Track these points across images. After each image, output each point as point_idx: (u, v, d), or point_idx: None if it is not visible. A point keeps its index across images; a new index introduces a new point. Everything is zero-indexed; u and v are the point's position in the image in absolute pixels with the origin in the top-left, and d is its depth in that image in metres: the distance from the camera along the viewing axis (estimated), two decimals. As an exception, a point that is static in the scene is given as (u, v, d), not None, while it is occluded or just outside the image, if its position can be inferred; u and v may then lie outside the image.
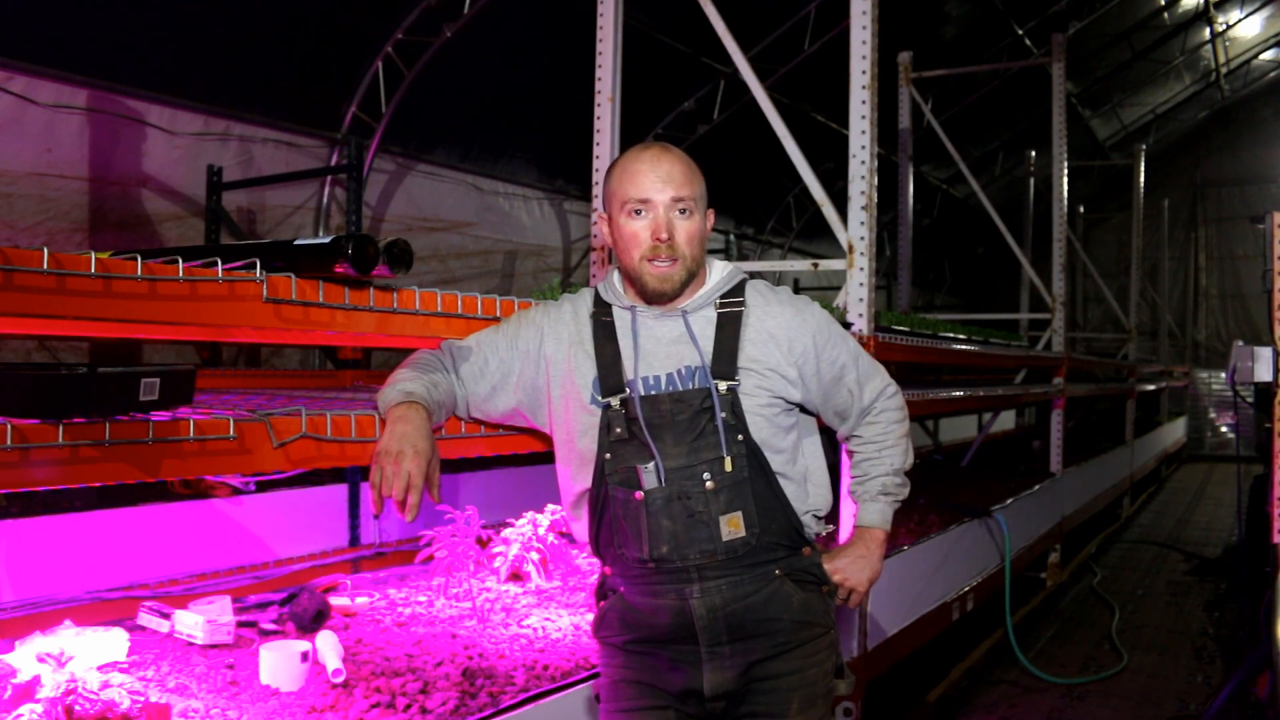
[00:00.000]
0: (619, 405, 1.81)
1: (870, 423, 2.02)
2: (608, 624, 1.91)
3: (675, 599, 1.80)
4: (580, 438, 1.85)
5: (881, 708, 4.04)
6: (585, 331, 1.89)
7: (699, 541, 1.78)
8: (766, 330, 1.88)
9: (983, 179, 10.91)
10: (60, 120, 4.85)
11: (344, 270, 1.77)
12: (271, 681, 2.24)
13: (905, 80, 7.38)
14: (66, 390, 1.42)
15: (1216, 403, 15.75)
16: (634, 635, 1.86)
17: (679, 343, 1.85)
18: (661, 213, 1.80)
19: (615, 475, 1.81)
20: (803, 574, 1.88)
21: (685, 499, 1.78)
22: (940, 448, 9.20)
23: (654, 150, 1.86)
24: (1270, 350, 2.86)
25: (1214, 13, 12.78)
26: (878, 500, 2.02)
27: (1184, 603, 6.28)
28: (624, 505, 1.80)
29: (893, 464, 2.02)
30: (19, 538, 2.94)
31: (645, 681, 1.85)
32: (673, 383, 1.82)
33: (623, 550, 1.83)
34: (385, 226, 6.71)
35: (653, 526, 1.78)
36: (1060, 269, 6.77)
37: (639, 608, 1.84)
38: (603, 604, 1.94)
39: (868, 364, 2.02)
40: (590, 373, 1.85)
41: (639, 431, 1.79)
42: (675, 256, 1.81)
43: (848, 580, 1.97)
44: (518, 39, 6.68)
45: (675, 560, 1.79)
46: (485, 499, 4.03)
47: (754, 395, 1.83)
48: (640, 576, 1.83)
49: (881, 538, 2.03)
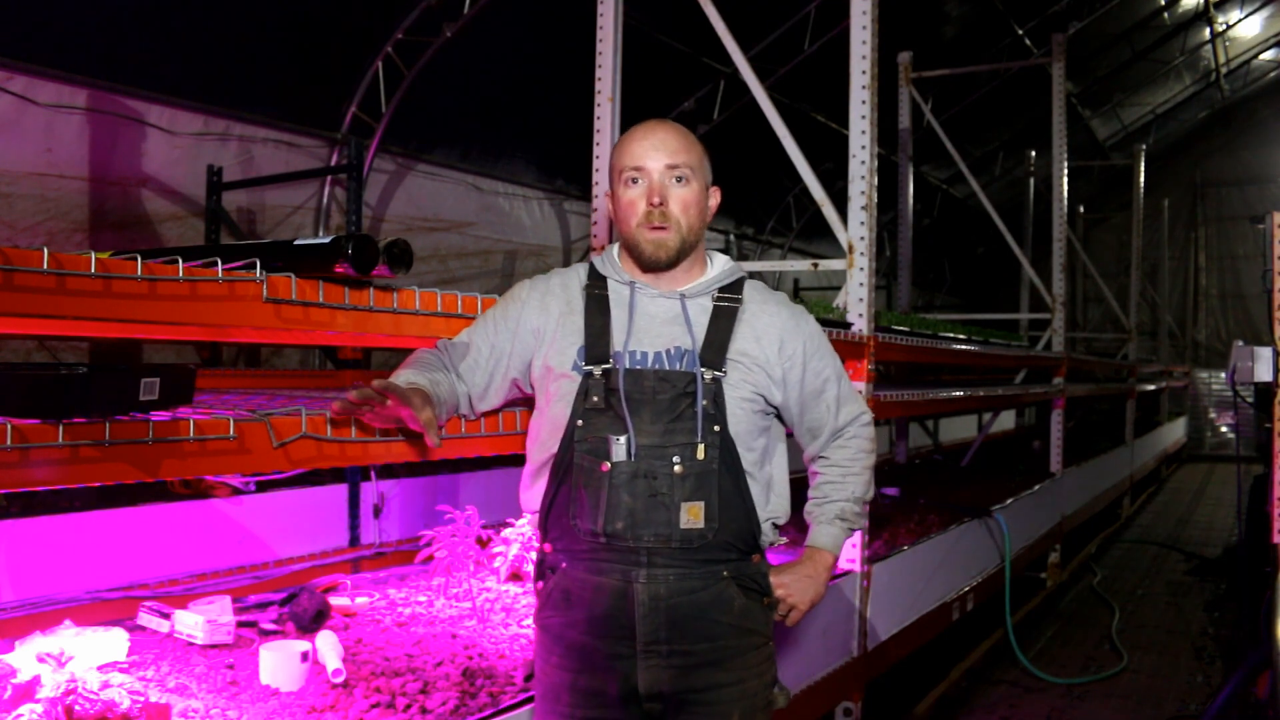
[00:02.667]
0: (600, 375, 1.80)
1: (841, 446, 2.02)
2: (550, 604, 1.85)
3: (619, 580, 1.77)
4: (555, 403, 1.84)
5: (881, 708, 4.04)
6: (577, 302, 1.90)
7: (656, 524, 1.76)
8: (760, 328, 1.89)
9: (983, 179, 10.91)
10: (60, 120, 4.85)
11: (344, 270, 1.77)
12: (271, 681, 2.24)
13: (905, 80, 7.38)
14: (66, 390, 1.42)
15: (1216, 403, 15.77)
16: (570, 618, 1.81)
17: (672, 323, 1.85)
18: (656, 178, 1.82)
19: (584, 443, 1.79)
20: (748, 580, 1.86)
21: (651, 478, 1.77)
22: (940, 448, 9.20)
23: (651, 121, 1.89)
24: (1270, 350, 2.86)
25: (1214, 13, 12.79)
26: (834, 524, 2.00)
27: (1184, 603, 6.28)
28: (587, 474, 1.78)
29: (854, 492, 2.01)
30: (19, 538, 2.94)
31: (583, 688, 1.81)
32: (660, 361, 1.82)
33: (575, 521, 1.80)
34: (385, 226, 6.71)
35: (613, 499, 1.76)
36: (1060, 269, 6.77)
37: (581, 585, 1.80)
38: (541, 584, 1.89)
39: (849, 387, 2.03)
40: (577, 340, 1.85)
41: (616, 403, 1.78)
42: (668, 223, 1.82)
43: (790, 596, 1.94)
44: (518, 39, 6.68)
45: (628, 538, 1.76)
46: (485, 499, 4.03)
47: (737, 388, 1.83)
48: (588, 551, 1.80)
49: (830, 561, 2.01)
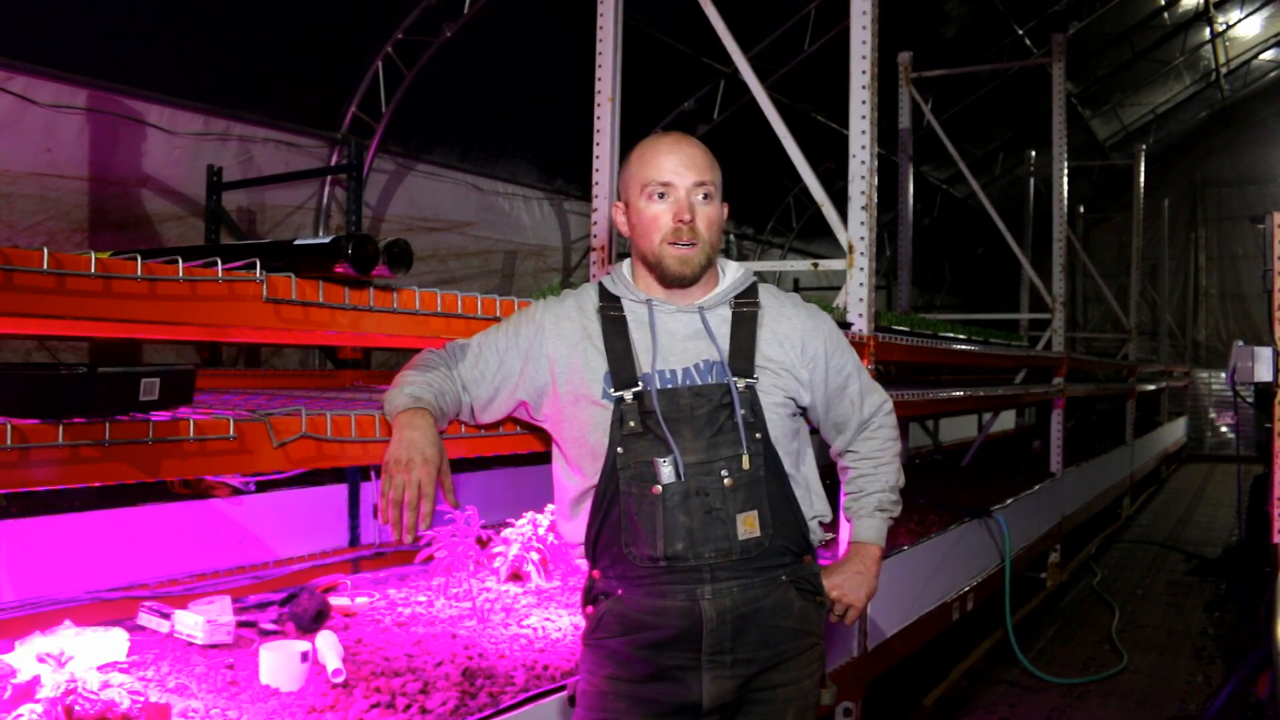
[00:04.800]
0: (632, 399, 1.78)
1: (867, 438, 2.03)
2: (603, 627, 1.82)
3: (685, 600, 1.75)
4: (591, 432, 1.81)
5: (881, 708, 4.04)
6: (593, 326, 1.86)
7: (715, 540, 1.75)
8: (782, 331, 1.89)
9: (983, 179, 10.91)
10: (60, 120, 4.85)
11: (344, 270, 1.76)
12: (271, 681, 2.24)
13: (905, 80, 7.38)
14: (66, 390, 1.42)
15: (1216, 403, 15.75)
16: (632, 640, 1.78)
17: (695, 338, 1.84)
18: (684, 196, 1.80)
19: (628, 470, 1.77)
20: (804, 582, 1.86)
21: (703, 495, 1.75)
22: (940, 448, 9.18)
23: (674, 135, 1.86)
24: (1270, 350, 2.86)
25: (1214, 13, 12.79)
26: (874, 516, 2.01)
27: (1184, 603, 6.28)
28: (638, 500, 1.76)
29: (888, 481, 2.02)
30: (19, 538, 2.93)
31: (637, 696, 1.77)
32: (690, 377, 1.80)
33: (630, 549, 1.78)
34: (385, 226, 6.71)
35: (669, 522, 1.74)
36: (1060, 269, 6.77)
37: (642, 610, 1.77)
38: (592, 609, 1.86)
39: (868, 378, 2.05)
40: (601, 367, 1.82)
41: (655, 425, 1.76)
42: (696, 240, 1.81)
43: (845, 596, 1.95)
44: (518, 39, 6.68)
45: (689, 558, 1.74)
46: (485, 499, 4.02)
47: (770, 394, 1.83)
48: (647, 576, 1.77)
49: (877, 554, 2.02)
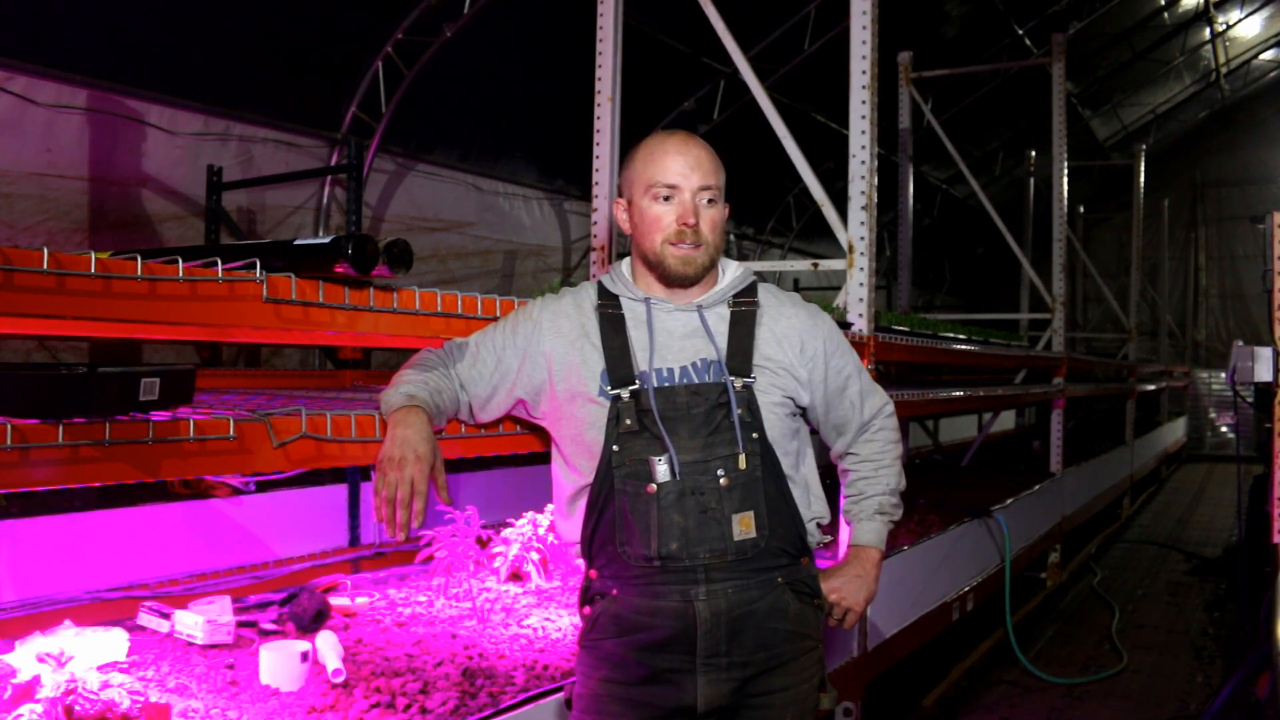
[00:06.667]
0: (629, 397, 1.77)
1: (868, 440, 2.02)
2: (599, 628, 1.81)
3: (679, 600, 1.75)
4: (587, 430, 1.81)
5: (881, 708, 4.04)
6: (591, 324, 1.86)
7: (710, 540, 1.74)
8: (781, 331, 1.88)
9: (983, 179, 10.91)
10: (60, 120, 4.85)
11: (344, 270, 1.76)
12: (271, 681, 2.24)
13: (905, 80, 7.38)
14: (66, 390, 1.42)
15: (1216, 403, 15.75)
16: (627, 640, 1.77)
17: (693, 337, 1.83)
18: (689, 198, 1.80)
19: (624, 468, 1.76)
20: (801, 585, 1.85)
21: (699, 494, 1.74)
22: (940, 448, 9.19)
23: (681, 136, 1.85)
24: (1270, 350, 2.86)
25: (1214, 13, 12.80)
26: (874, 519, 2.00)
27: (1184, 603, 6.28)
28: (633, 499, 1.75)
29: (889, 484, 2.01)
30: (19, 538, 2.93)
31: (632, 699, 1.77)
32: (688, 375, 1.80)
33: (625, 548, 1.77)
34: (385, 226, 6.71)
35: (664, 521, 1.73)
36: (1060, 269, 6.77)
37: (637, 610, 1.76)
38: (589, 609, 1.85)
39: (868, 380, 2.04)
40: (598, 365, 1.81)
41: (651, 424, 1.76)
42: (700, 243, 1.80)
43: (844, 600, 1.94)
44: (518, 39, 6.68)
45: (684, 558, 1.74)
46: (485, 499, 4.02)
47: (768, 393, 1.82)
48: (641, 576, 1.77)
49: (877, 558, 2.00)
